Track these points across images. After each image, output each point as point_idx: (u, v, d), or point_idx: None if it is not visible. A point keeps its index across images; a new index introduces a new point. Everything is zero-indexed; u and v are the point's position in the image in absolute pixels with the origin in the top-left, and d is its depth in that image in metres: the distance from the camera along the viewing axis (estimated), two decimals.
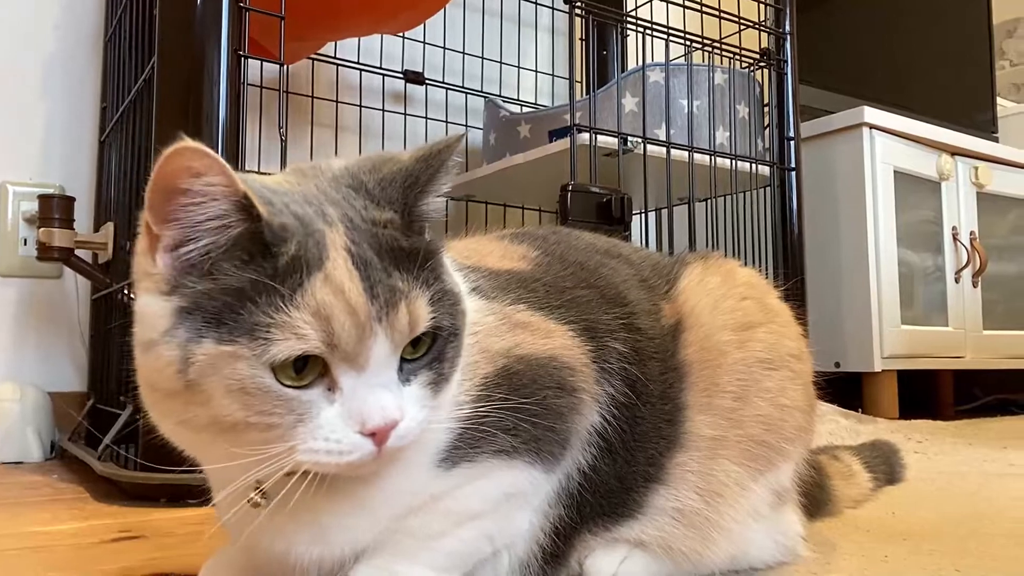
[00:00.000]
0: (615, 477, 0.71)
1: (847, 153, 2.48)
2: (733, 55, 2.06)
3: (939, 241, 2.67)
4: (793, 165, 2.10)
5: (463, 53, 2.35)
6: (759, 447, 0.77)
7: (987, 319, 2.75)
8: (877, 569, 0.84)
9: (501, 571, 0.69)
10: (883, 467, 1.15)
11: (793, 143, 2.11)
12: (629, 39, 2.40)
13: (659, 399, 0.74)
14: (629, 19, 2.01)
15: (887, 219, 2.45)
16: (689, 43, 1.98)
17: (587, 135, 1.76)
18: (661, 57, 1.93)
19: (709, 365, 0.76)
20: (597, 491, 0.71)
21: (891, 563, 0.86)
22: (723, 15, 2.03)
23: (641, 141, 1.82)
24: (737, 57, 2.07)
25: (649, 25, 1.93)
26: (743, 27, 2.07)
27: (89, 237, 1.72)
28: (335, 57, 2.11)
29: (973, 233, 2.73)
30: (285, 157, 1.38)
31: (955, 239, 2.68)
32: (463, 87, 2.34)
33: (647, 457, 0.73)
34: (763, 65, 2.12)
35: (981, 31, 3.24)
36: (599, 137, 1.78)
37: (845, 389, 2.39)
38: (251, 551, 0.65)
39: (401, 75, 2.23)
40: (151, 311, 0.55)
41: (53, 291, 1.94)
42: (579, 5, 1.88)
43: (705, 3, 2.00)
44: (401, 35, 2.21)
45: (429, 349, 0.57)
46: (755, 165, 2.02)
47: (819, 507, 0.98)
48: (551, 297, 0.72)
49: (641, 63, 1.90)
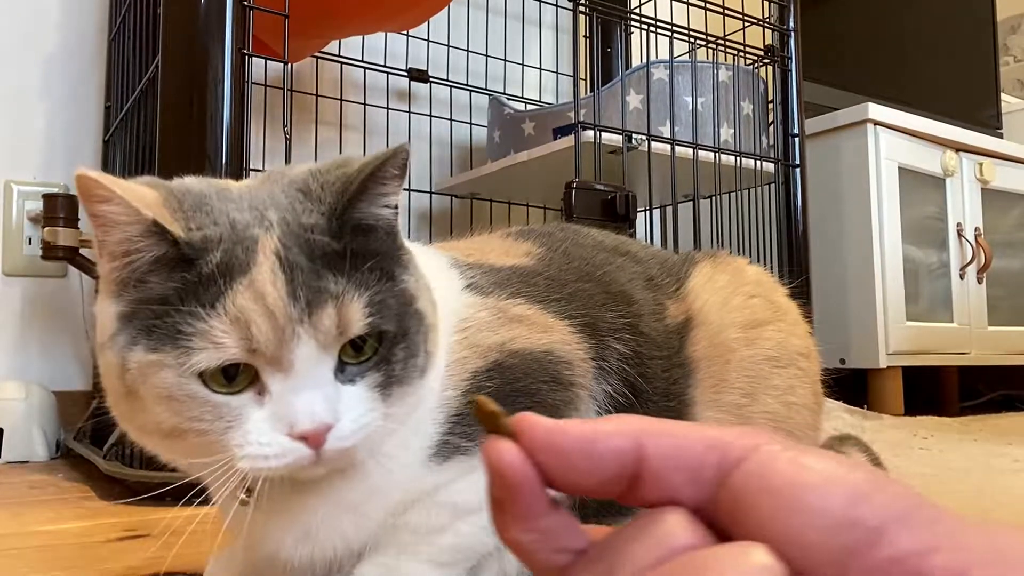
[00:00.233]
0: None
1: (851, 150, 2.48)
2: (737, 52, 2.05)
3: (944, 237, 2.67)
4: (798, 162, 2.09)
5: (467, 51, 2.35)
6: None
7: (992, 315, 2.74)
8: None
9: (506, 567, 0.69)
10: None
11: (798, 140, 2.10)
12: (633, 36, 2.39)
13: (662, 397, 0.74)
14: (633, 16, 2.01)
15: (892, 215, 2.45)
16: (693, 40, 1.98)
17: (591, 132, 1.76)
18: (665, 54, 1.93)
19: (718, 362, 0.76)
20: None
21: None
22: (727, 12, 2.03)
23: (645, 138, 1.82)
24: (741, 54, 2.06)
25: (653, 22, 1.92)
26: (747, 24, 2.06)
27: (92, 235, 1.72)
28: (339, 55, 2.11)
29: (978, 229, 2.72)
30: (289, 156, 1.38)
31: (960, 235, 2.68)
32: (467, 85, 2.34)
33: None
34: (767, 62, 2.12)
35: (985, 27, 3.23)
36: (603, 134, 1.78)
37: (850, 386, 2.39)
38: (247, 549, 0.65)
39: (405, 73, 2.23)
40: (103, 314, 0.56)
41: (58, 290, 1.95)
42: (583, 2, 1.88)
43: (709, 0, 2.00)
44: (405, 33, 2.21)
45: (376, 352, 0.56)
46: (760, 162, 2.01)
47: None
48: (551, 291, 0.72)
49: (645, 60, 1.90)
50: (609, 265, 0.80)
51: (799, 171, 2.09)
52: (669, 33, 1.93)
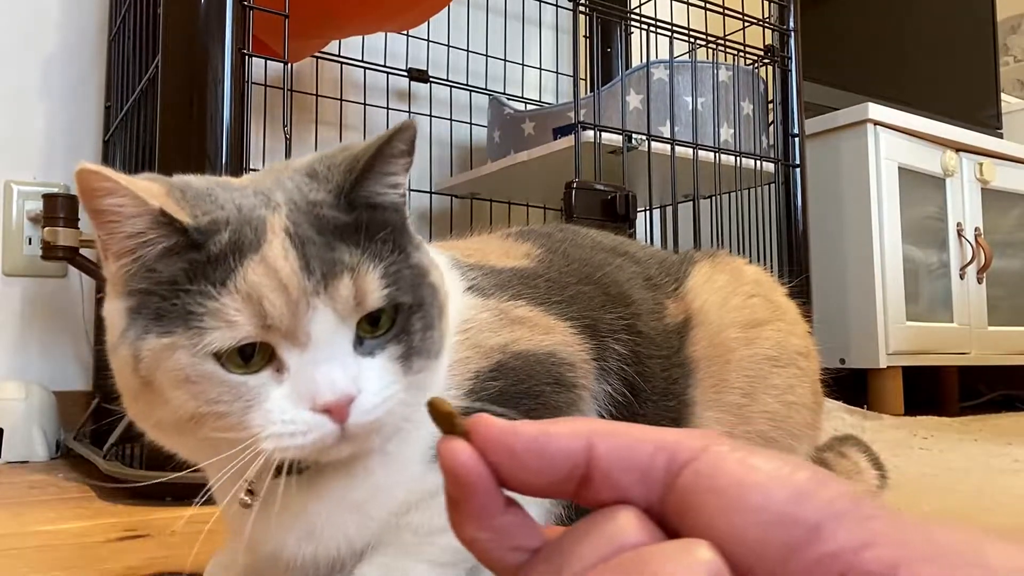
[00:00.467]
0: None
1: (851, 150, 2.48)
2: (737, 52, 2.05)
3: (944, 237, 2.67)
4: (798, 162, 2.09)
5: (467, 51, 2.35)
6: (766, 444, 0.77)
7: (992, 315, 2.74)
8: None
9: None
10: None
11: (797, 140, 2.10)
12: (633, 36, 2.39)
13: (662, 396, 0.74)
14: (633, 16, 2.01)
15: (892, 215, 2.44)
16: (693, 40, 1.98)
17: (591, 132, 1.76)
18: (665, 54, 1.93)
19: (717, 362, 0.77)
20: None
21: None
22: (727, 12, 2.03)
23: (645, 138, 1.82)
24: (741, 54, 2.06)
25: (653, 22, 1.93)
26: (747, 24, 2.06)
27: (94, 236, 1.72)
28: (339, 55, 2.11)
29: (978, 229, 2.72)
30: (289, 156, 1.38)
31: (960, 235, 2.68)
32: (467, 85, 2.34)
33: None
34: (767, 62, 2.12)
35: (985, 27, 3.23)
36: (603, 134, 1.78)
37: (850, 386, 2.39)
38: (249, 549, 0.65)
39: (405, 73, 2.23)
40: (111, 315, 0.56)
41: (58, 290, 1.94)
42: (583, 2, 1.88)
43: (709, 0, 2.00)
44: (405, 33, 2.21)
45: (392, 325, 0.56)
46: (760, 162, 2.01)
47: None
48: (552, 293, 0.72)
49: (645, 60, 1.90)
50: (608, 266, 0.80)
51: (799, 171, 2.09)
52: (669, 33, 1.93)
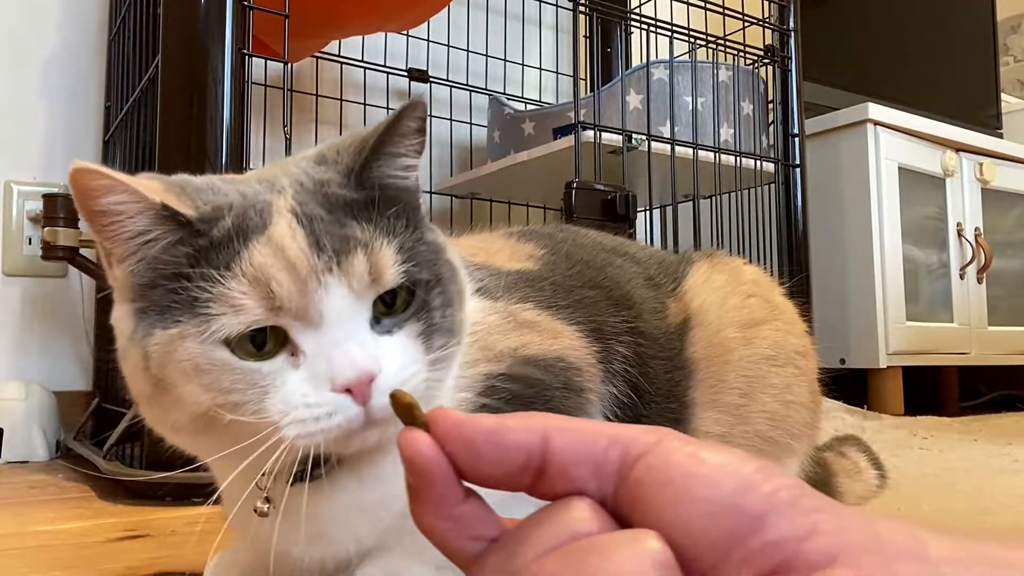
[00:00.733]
0: None
1: (851, 150, 2.48)
2: (737, 52, 2.05)
3: (944, 237, 2.67)
4: (798, 162, 2.09)
5: (467, 51, 2.35)
6: (765, 443, 0.77)
7: (992, 315, 2.75)
8: None
9: None
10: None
11: (797, 140, 2.11)
12: (633, 36, 2.39)
13: (664, 398, 0.75)
14: (633, 16, 2.01)
15: (892, 215, 2.45)
16: (693, 40, 1.98)
17: (591, 132, 1.76)
18: (665, 54, 1.93)
19: (716, 362, 0.77)
20: None
21: None
22: (727, 12, 2.03)
23: (645, 138, 1.82)
24: (741, 54, 2.06)
25: (653, 22, 1.93)
26: (747, 24, 2.06)
27: (95, 239, 1.72)
28: (339, 55, 2.11)
29: (978, 229, 2.72)
30: (289, 156, 1.38)
31: (960, 235, 2.68)
32: (467, 85, 2.34)
33: None
34: (767, 62, 2.12)
35: (985, 27, 3.23)
36: (603, 134, 1.78)
37: (850, 386, 2.39)
38: (254, 550, 0.65)
39: (405, 73, 2.23)
40: (119, 320, 0.55)
41: (58, 290, 1.95)
42: (583, 2, 1.88)
43: (709, 0, 2.00)
44: (405, 33, 2.21)
45: (409, 305, 0.54)
46: (760, 162, 2.01)
47: None
48: (558, 297, 0.72)
49: (645, 60, 1.90)
50: (610, 267, 0.80)
51: (799, 171, 2.09)
52: (669, 33, 1.93)
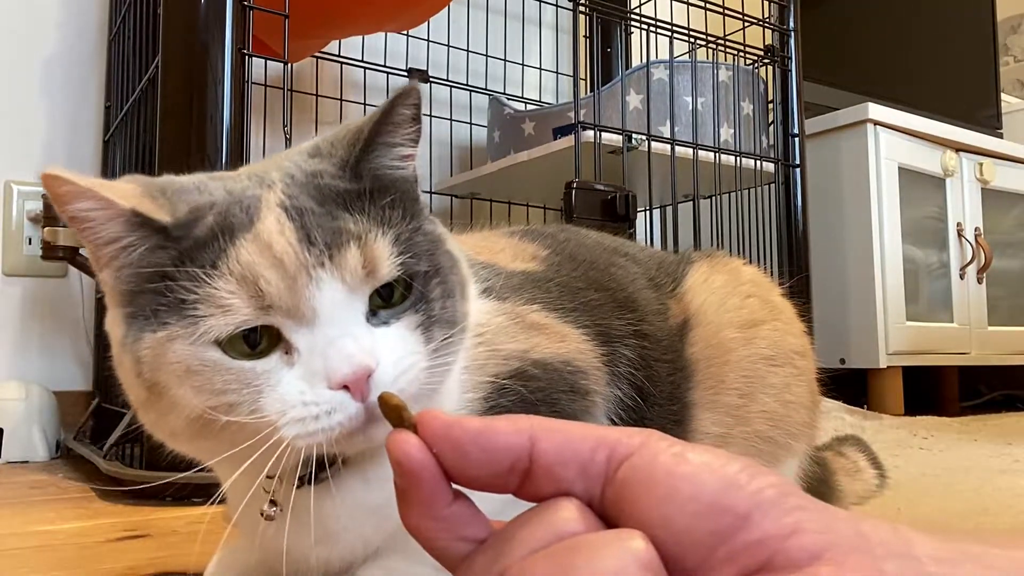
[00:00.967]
0: None
1: (851, 150, 2.48)
2: (737, 52, 2.05)
3: (944, 237, 2.67)
4: (798, 162, 2.10)
5: (467, 51, 2.35)
6: (764, 443, 0.77)
7: (992, 315, 2.74)
8: None
9: None
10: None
11: (797, 140, 2.11)
12: (633, 36, 2.39)
13: (667, 400, 0.75)
14: (633, 16, 2.01)
15: (892, 215, 2.44)
16: (693, 40, 1.98)
17: (591, 132, 1.76)
18: (665, 54, 1.93)
19: (715, 363, 0.77)
20: None
21: None
22: (727, 12, 2.03)
23: (645, 138, 1.82)
24: (741, 54, 2.06)
25: (653, 22, 1.93)
26: (747, 24, 2.06)
27: None
28: (339, 55, 2.11)
29: (978, 229, 2.72)
30: None
31: (960, 235, 2.68)
32: (467, 85, 2.34)
33: None
34: (767, 62, 2.12)
35: (985, 27, 3.23)
36: (603, 134, 1.78)
37: (850, 386, 2.39)
38: (262, 550, 0.65)
39: (405, 73, 2.23)
40: (111, 326, 0.54)
41: (58, 290, 1.95)
42: (583, 2, 1.88)
43: (709, 0, 2.00)
44: (405, 33, 2.21)
45: (408, 296, 0.52)
46: (760, 162, 2.01)
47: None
48: (564, 298, 0.72)
49: (645, 60, 1.90)
50: (613, 267, 0.80)
51: (799, 171, 2.10)
52: (669, 33, 1.93)
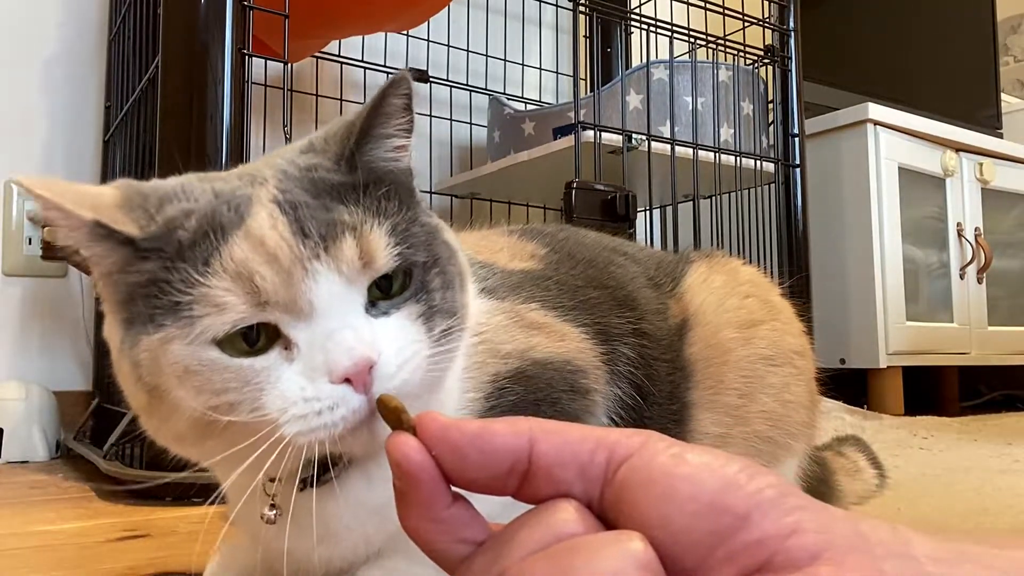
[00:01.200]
0: None
1: (851, 150, 2.48)
2: (737, 52, 2.05)
3: (944, 237, 2.67)
4: (797, 162, 2.10)
5: (467, 51, 2.35)
6: (764, 443, 0.77)
7: (992, 315, 2.74)
8: None
9: None
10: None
11: (797, 140, 2.11)
12: (633, 36, 2.39)
13: (667, 399, 0.75)
14: (633, 16, 2.01)
15: (892, 215, 2.44)
16: (693, 40, 1.98)
17: (591, 132, 1.76)
18: (665, 54, 1.93)
19: (714, 363, 0.77)
20: None
21: None
22: (727, 12, 2.03)
23: (645, 138, 1.82)
24: (741, 54, 2.06)
25: (653, 22, 1.93)
26: (747, 24, 2.06)
27: None
28: (339, 55, 2.11)
29: (978, 229, 2.72)
30: None
31: (960, 235, 2.68)
32: (467, 85, 2.34)
33: None
34: (767, 62, 2.12)
35: (985, 27, 3.23)
36: (603, 134, 1.78)
37: (850, 386, 2.39)
38: (263, 550, 0.65)
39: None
40: (109, 333, 0.54)
41: (58, 290, 1.95)
42: (583, 2, 1.88)
43: (709, 0, 2.00)
44: (405, 33, 2.21)
45: (407, 287, 0.52)
46: (760, 162, 2.01)
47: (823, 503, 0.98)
48: (564, 297, 0.72)
49: (645, 60, 1.90)
50: (613, 266, 0.80)
51: (799, 171, 2.10)
52: (669, 33, 1.93)
